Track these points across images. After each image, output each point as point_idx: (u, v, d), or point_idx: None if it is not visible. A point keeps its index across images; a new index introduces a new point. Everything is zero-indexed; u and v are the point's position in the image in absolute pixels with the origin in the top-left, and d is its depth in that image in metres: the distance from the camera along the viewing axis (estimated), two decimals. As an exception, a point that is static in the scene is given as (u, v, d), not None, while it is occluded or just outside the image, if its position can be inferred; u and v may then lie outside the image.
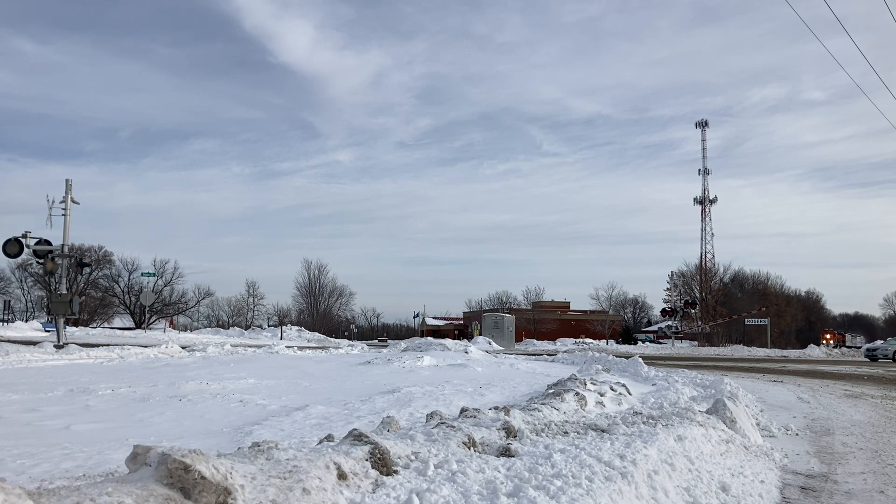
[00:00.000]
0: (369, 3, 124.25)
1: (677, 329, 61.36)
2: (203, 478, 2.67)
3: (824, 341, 59.57)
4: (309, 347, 31.23)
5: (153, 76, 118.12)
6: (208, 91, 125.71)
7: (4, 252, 23.26)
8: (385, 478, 3.61)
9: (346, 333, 70.77)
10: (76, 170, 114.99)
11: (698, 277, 69.82)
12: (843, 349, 53.33)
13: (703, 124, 71.88)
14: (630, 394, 10.23)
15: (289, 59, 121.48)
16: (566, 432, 5.68)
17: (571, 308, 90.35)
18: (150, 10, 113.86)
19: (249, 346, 27.46)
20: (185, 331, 55.55)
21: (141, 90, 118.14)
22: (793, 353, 42.15)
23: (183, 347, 22.54)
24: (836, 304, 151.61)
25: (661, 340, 67.72)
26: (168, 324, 61.53)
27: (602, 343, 57.56)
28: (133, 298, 66.79)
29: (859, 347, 62.73)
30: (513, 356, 26.25)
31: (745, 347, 47.40)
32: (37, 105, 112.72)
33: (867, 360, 33.42)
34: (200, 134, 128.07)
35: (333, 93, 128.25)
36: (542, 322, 77.70)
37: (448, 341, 31.36)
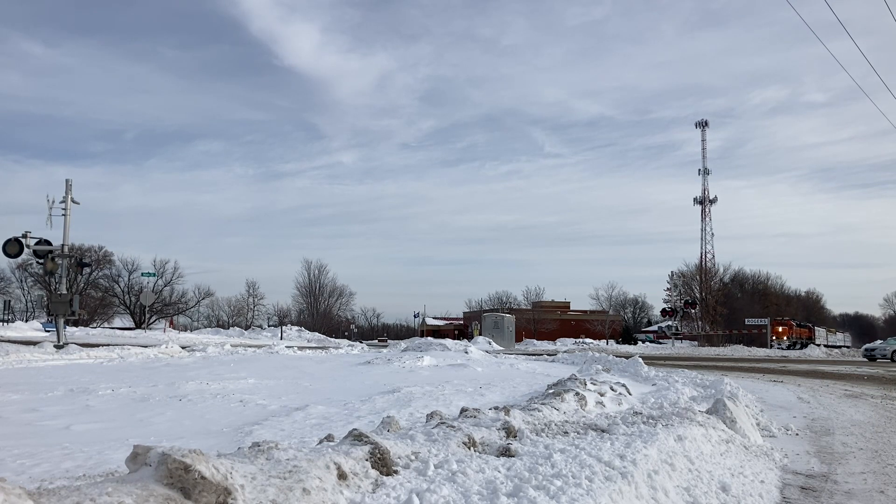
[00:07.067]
0: (375, 7, 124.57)
1: (677, 329, 61.16)
2: (203, 478, 2.67)
3: (774, 336, 48.29)
4: (309, 347, 31.22)
5: (159, 78, 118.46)
6: (213, 93, 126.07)
7: (4, 252, 23.24)
8: (385, 478, 3.61)
9: (346, 333, 70.71)
10: (80, 171, 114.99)
11: (698, 277, 69.77)
12: (832, 350, 49.18)
13: (703, 124, 71.89)
14: (630, 394, 10.22)
15: (294, 62, 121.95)
16: (566, 432, 5.68)
17: (571, 308, 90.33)
18: (159, 13, 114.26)
19: (249, 346, 27.45)
20: (185, 331, 55.52)
21: (147, 92, 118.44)
22: (793, 354, 42.13)
23: (183, 347, 22.53)
24: (836, 304, 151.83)
25: (661, 340, 67.65)
26: (168, 324, 61.48)
27: (602, 343, 57.51)
28: (133, 298, 66.76)
29: (838, 347, 56.89)
30: (513, 356, 26.24)
31: (745, 347, 47.29)
32: (42, 107, 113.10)
33: (865, 360, 33.41)
34: (205, 135, 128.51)
35: (338, 95, 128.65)
36: (542, 322, 77.70)
37: (448, 341, 31.34)
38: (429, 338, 40.61)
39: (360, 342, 47.11)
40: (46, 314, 50.04)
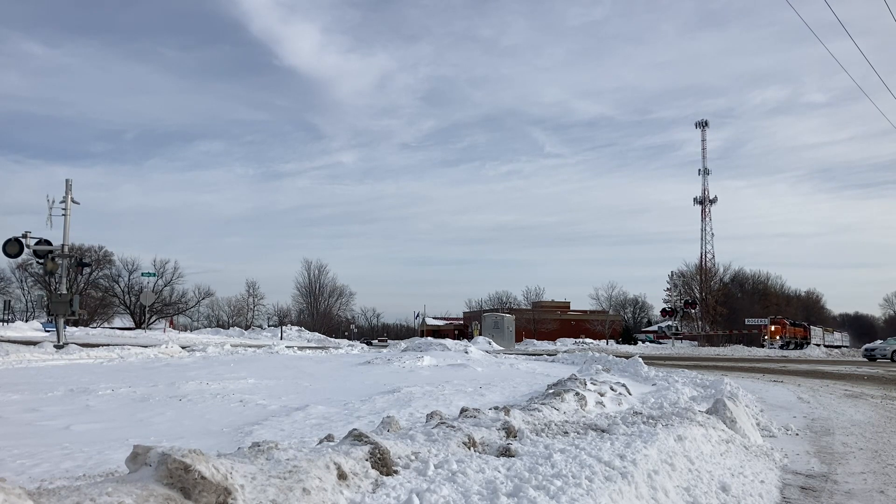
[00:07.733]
0: (375, 7, 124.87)
1: (677, 329, 61.07)
2: (203, 478, 2.67)
3: (768, 336, 47.54)
4: (309, 347, 31.22)
5: (160, 78, 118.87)
6: (214, 93, 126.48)
7: (4, 252, 23.24)
8: (385, 478, 3.61)
9: (346, 333, 70.72)
10: (81, 171, 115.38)
11: (698, 277, 69.79)
12: (831, 350, 48.96)
13: (703, 124, 71.96)
14: (630, 394, 10.22)
15: (294, 62, 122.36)
16: (566, 432, 5.67)
17: (571, 308, 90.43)
18: (160, 13, 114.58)
19: (249, 346, 27.44)
20: (185, 331, 55.53)
21: (147, 92, 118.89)
22: (793, 354, 42.14)
23: (183, 347, 22.52)
24: (836, 304, 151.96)
25: (661, 340, 67.64)
26: (168, 324, 61.50)
27: (602, 343, 57.51)
28: (133, 298, 66.81)
29: (837, 347, 56.59)
30: (513, 356, 26.24)
31: (745, 347, 47.24)
32: (42, 107, 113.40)
33: (865, 360, 33.41)
34: (205, 135, 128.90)
35: (338, 95, 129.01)
36: (542, 322, 77.75)
37: (448, 341, 31.34)
38: (429, 338, 40.60)
39: (368, 343, 47.17)
40: (46, 314, 49.99)
